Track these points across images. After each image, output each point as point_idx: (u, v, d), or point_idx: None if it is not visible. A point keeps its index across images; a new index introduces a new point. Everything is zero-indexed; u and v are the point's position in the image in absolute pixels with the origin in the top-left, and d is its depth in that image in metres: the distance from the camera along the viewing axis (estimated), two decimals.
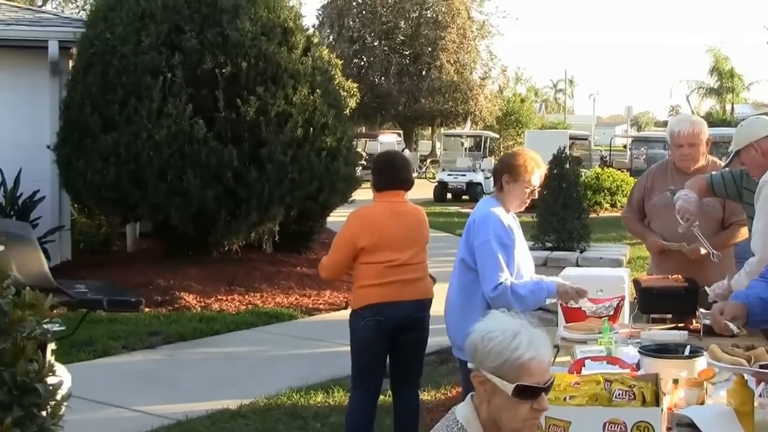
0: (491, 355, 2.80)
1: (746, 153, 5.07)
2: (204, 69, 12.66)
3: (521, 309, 5.11)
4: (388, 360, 5.96)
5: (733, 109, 63.29)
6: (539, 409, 2.84)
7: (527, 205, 5.38)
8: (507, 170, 5.23)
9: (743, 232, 5.80)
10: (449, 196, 31.26)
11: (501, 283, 5.03)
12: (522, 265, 5.26)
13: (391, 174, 5.95)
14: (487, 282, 5.05)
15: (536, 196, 5.45)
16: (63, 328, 4.65)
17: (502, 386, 2.78)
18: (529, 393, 2.79)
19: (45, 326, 2.68)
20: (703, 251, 5.65)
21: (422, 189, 31.94)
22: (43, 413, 2.61)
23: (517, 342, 2.79)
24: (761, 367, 3.25)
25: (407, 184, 6.01)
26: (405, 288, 5.76)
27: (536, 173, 5.24)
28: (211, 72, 12.67)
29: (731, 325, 3.70)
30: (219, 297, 11.66)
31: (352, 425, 5.93)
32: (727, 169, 5.61)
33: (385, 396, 6.52)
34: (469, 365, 2.89)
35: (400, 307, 5.74)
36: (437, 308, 5.94)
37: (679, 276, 5.40)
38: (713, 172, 5.63)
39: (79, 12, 16.05)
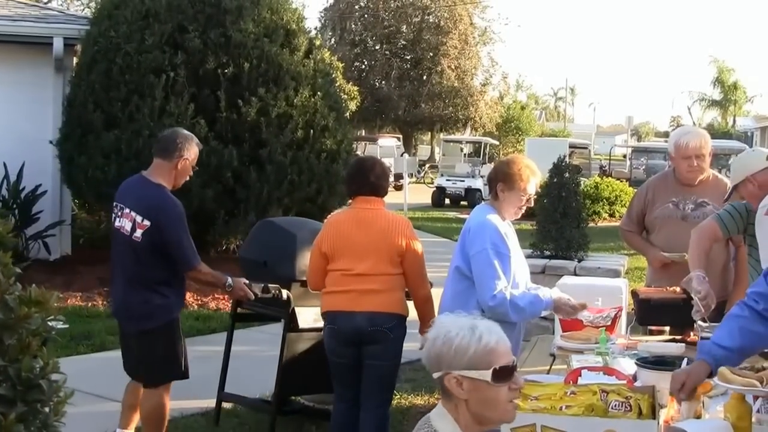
0: (459, 353, 2.82)
1: (744, 187, 5.07)
2: (206, 69, 12.71)
3: (517, 320, 5.13)
4: None
5: (734, 121, 63.31)
6: (517, 387, 2.89)
7: (523, 212, 5.38)
8: (502, 178, 5.21)
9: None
10: (447, 201, 31.23)
11: (500, 292, 5.01)
12: (518, 273, 5.26)
13: (359, 180, 5.74)
14: (484, 291, 5.03)
15: (532, 204, 5.43)
16: (67, 326, 4.73)
17: (480, 376, 2.80)
18: (505, 373, 2.84)
19: (50, 323, 2.70)
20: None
21: (421, 194, 32.00)
22: (46, 409, 2.63)
23: (479, 332, 2.84)
24: None
25: (376, 191, 5.73)
26: (359, 299, 5.53)
27: (531, 181, 5.22)
28: (213, 72, 12.72)
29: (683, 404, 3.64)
30: (216, 295, 11.65)
31: None
32: (729, 203, 5.46)
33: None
34: (436, 375, 2.89)
35: (351, 318, 5.53)
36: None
37: (678, 288, 5.41)
38: (719, 212, 5.46)
39: (84, 9, 16.07)
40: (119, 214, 6.00)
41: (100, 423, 6.87)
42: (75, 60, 14.07)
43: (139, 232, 5.81)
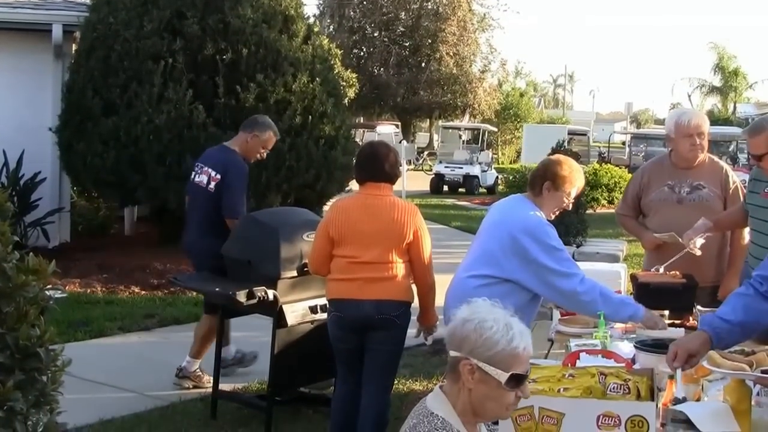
0: (486, 344, 2.82)
1: None
2: (205, 55, 12.69)
3: (602, 310, 4.80)
4: None
5: (735, 108, 63.08)
6: (523, 395, 2.89)
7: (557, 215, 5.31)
8: (551, 178, 5.14)
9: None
10: (446, 188, 31.23)
11: (586, 279, 4.89)
12: None
13: (372, 167, 5.68)
14: (567, 278, 4.89)
15: (570, 208, 5.40)
16: (65, 294, 4.79)
17: (496, 375, 2.81)
18: (519, 380, 2.84)
19: (48, 292, 2.70)
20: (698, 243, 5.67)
21: (419, 181, 31.99)
22: (44, 378, 2.63)
23: (513, 333, 2.83)
24: (763, 372, 3.25)
25: (387, 178, 5.67)
26: (366, 287, 5.48)
27: (576, 185, 5.19)
28: (211, 58, 12.70)
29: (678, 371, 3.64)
30: None
31: (334, 416, 5.88)
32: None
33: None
34: (454, 353, 2.89)
35: (359, 306, 5.50)
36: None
37: (677, 272, 5.42)
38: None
39: None
40: (199, 171, 7.50)
41: (98, 409, 6.91)
42: (74, 47, 14.04)
43: (212, 185, 7.33)
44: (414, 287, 5.76)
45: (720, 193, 6.00)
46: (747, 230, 5.70)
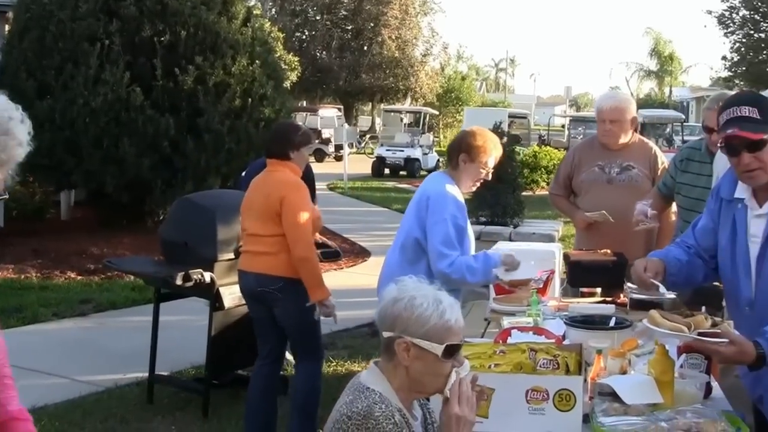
0: (419, 321, 2.84)
1: None
2: (142, 37, 12.58)
3: (473, 281, 5.07)
4: None
5: (671, 91, 63.88)
6: (458, 363, 2.92)
7: (477, 186, 5.35)
8: (466, 149, 5.16)
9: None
10: (387, 171, 31.30)
11: (456, 259, 4.98)
12: (469, 245, 5.26)
13: (267, 144, 5.94)
14: (441, 259, 4.98)
15: (489, 179, 5.40)
16: None
17: (432, 349, 2.83)
18: (454, 351, 2.87)
19: None
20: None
21: (361, 164, 32.02)
22: None
23: (443, 307, 2.86)
24: (700, 334, 3.29)
25: (275, 154, 5.72)
26: (252, 259, 5.64)
27: (493, 155, 5.20)
28: (149, 40, 12.59)
29: (656, 282, 3.73)
30: None
31: (251, 393, 5.89)
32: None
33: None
34: (387, 334, 2.91)
35: (246, 277, 5.70)
36: (369, 281, 5.86)
37: (608, 251, 5.48)
38: (658, 185, 5.86)
39: None
40: None
41: (31, 397, 6.79)
42: (6, 27, 13.83)
43: None
44: None
45: (649, 174, 6.13)
46: (674, 208, 5.81)
